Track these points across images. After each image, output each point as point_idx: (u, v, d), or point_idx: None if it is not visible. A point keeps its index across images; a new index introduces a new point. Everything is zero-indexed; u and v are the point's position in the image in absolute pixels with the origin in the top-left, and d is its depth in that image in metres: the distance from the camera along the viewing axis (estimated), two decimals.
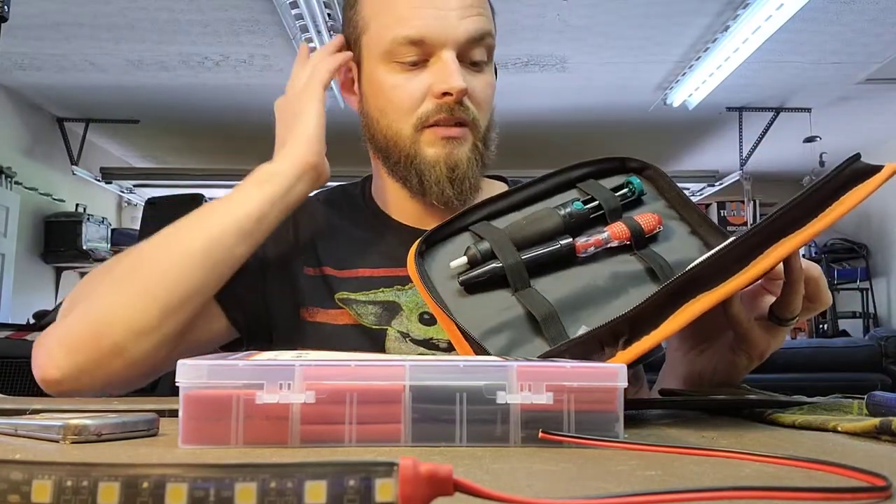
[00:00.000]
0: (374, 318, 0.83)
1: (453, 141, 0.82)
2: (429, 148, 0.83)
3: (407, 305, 0.83)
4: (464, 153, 0.83)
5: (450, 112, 0.81)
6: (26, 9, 3.38)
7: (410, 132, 0.83)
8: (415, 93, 0.82)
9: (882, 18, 3.51)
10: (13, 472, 0.25)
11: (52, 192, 5.06)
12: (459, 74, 0.80)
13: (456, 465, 0.29)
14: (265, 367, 0.44)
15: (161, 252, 0.77)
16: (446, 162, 0.82)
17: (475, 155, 0.84)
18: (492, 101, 0.87)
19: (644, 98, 4.70)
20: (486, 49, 0.85)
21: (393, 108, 0.84)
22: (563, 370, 0.45)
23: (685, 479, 0.34)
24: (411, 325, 0.82)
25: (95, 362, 0.72)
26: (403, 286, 0.84)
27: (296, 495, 0.25)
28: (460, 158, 0.83)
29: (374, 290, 0.84)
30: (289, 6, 3.30)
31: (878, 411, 0.54)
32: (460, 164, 0.83)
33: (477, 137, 0.84)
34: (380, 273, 0.86)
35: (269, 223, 0.79)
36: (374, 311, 0.83)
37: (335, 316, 0.84)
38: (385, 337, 0.82)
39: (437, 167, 0.82)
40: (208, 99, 4.74)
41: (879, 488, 0.29)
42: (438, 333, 0.81)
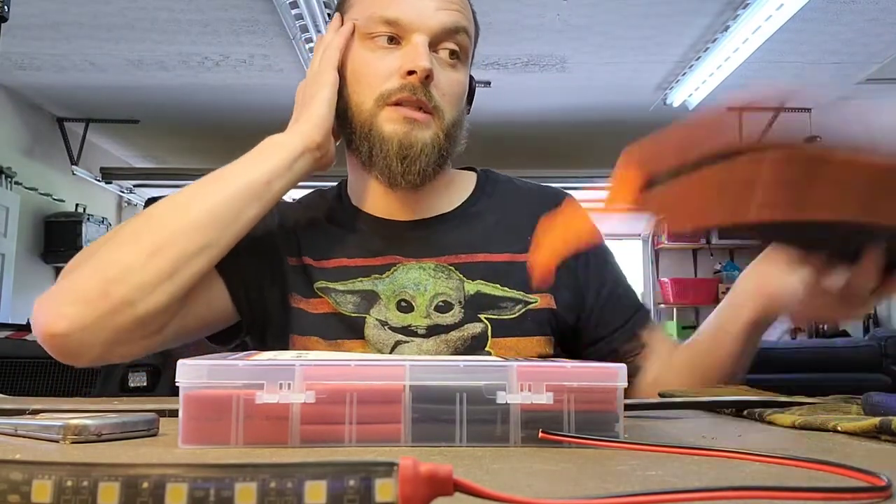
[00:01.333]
0: (352, 307, 0.85)
1: (415, 123, 0.82)
2: (387, 124, 0.83)
3: (384, 294, 0.85)
4: (423, 136, 0.82)
5: (412, 91, 0.81)
6: (26, 9, 3.37)
7: (371, 105, 0.83)
8: (382, 70, 0.83)
9: (882, 18, 3.51)
10: (13, 472, 0.25)
11: (52, 192, 5.06)
12: (427, 57, 0.81)
13: (456, 465, 0.29)
14: (265, 367, 0.44)
15: (170, 211, 0.78)
16: (401, 140, 0.82)
17: (435, 143, 0.83)
18: (460, 100, 0.87)
19: (644, 98, 4.70)
20: (459, 46, 0.85)
21: (359, 82, 0.85)
22: (563, 370, 0.45)
23: (685, 479, 0.34)
24: (389, 312, 0.84)
25: (103, 316, 0.72)
26: (381, 275, 0.86)
27: (296, 495, 0.25)
28: (416, 140, 0.82)
29: (351, 280, 0.86)
30: (289, 6, 3.30)
31: (875, 412, 0.54)
32: (415, 145, 0.82)
33: (440, 127, 0.84)
34: (356, 263, 0.88)
35: (275, 191, 0.80)
36: (352, 300, 0.86)
37: (315, 305, 0.86)
38: (364, 324, 0.84)
39: (391, 143, 0.82)
40: (208, 99, 4.74)
41: (879, 488, 0.29)
42: (416, 320, 0.84)
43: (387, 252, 0.88)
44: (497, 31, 3.65)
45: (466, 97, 0.92)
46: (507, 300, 0.86)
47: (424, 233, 0.89)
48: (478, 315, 0.85)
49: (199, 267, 0.76)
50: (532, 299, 0.86)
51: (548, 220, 0.65)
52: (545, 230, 0.63)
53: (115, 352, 0.75)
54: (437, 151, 0.84)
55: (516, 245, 0.88)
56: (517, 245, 0.88)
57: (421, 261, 0.87)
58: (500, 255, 0.88)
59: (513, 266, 0.87)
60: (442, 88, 0.84)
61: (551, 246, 0.63)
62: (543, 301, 0.87)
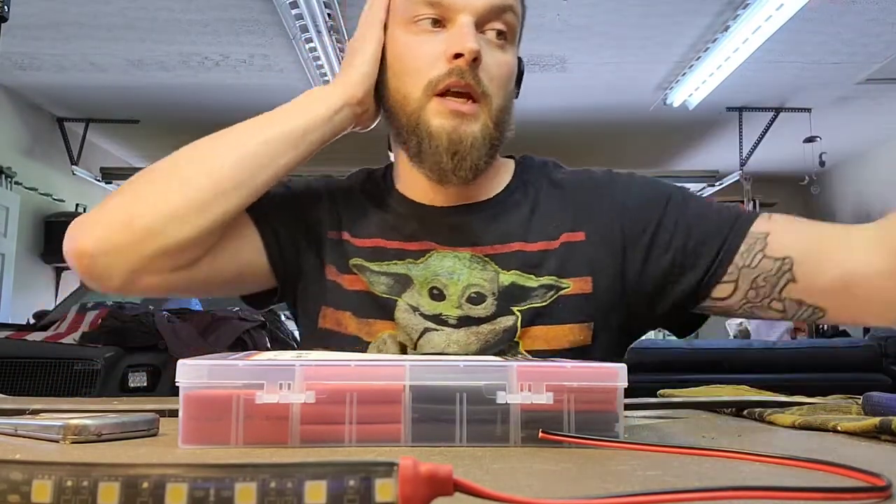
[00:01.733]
0: (385, 288, 0.84)
1: (463, 116, 0.79)
2: (435, 118, 0.80)
3: (418, 279, 0.83)
4: (472, 131, 0.80)
5: (460, 76, 0.78)
6: (26, 9, 3.37)
7: (419, 96, 0.80)
8: (427, 55, 0.80)
9: (882, 18, 3.51)
10: (13, 472, 0.25)
11: (52, 192, 5.06)
12: (474, 38, 0.78)
13: (456, 465, 0.29)
14: (265, 367, 0.44)
15: (206, 150, 0.81)
16: (450, 136, 0.79)
17: (485, 135, 0.80)
18: (508, 83, 0.84)
19: (644, 98, 4.70)
20: (506, 25, 0.82)
21: (405, 69, 0.82)
22: (563, 370, 0.45)
23: (685, 479, 0.34)
24: (421, 298, 0.83)
25: (128, 242, 0.75)
26: (416, 260, 0.85)
27: (296, 495, 0.25)
28: (466, 135, 0.79)
29: (386, 262, 0.85)
30: (289, 6, 3.30)
31: (875, 412, 0.54)
32: (465, 140, 0.79)
33: (489, 116, 0.81)
34: (392, 245, 0.86)
35: (311, 141, 0.81)
36: (385, 281, 0.84)
37: (350, 281, 0.86)
38: (395, 307, 0.83)
39: (440, 138, 0.79)
40: (208, 99, 4.74)
41: (879, 488, 0.29)
42: (447, 310, 0.82)
43: (422, 237, 0.86)
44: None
45: (515, 80, 0.87)
46: (540, 288, 0.82)
47: (460, 221, 0.87)
48: (510, 308, 0.82)
49: (229, 205, 0.78)
50: (564, 284, 0.82)
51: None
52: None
53: (142, 280, 0.77)
54: (487, 143, 0.81)
55: (552, 232, 0.85)
56: (553, 232, 0.85)
57: (456, 250, 0.85)
58: (535, 244, 0.85)
59: (547, 254, 0.84)
60: (490, 72, 0.80)
61: None
62: (577, 286, 0.82)
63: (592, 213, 0.86)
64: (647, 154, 5.93)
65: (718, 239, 0.80)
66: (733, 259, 0.79)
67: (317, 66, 4.01)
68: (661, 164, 6.22)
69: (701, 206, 0.86)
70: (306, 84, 4.22)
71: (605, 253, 0.83)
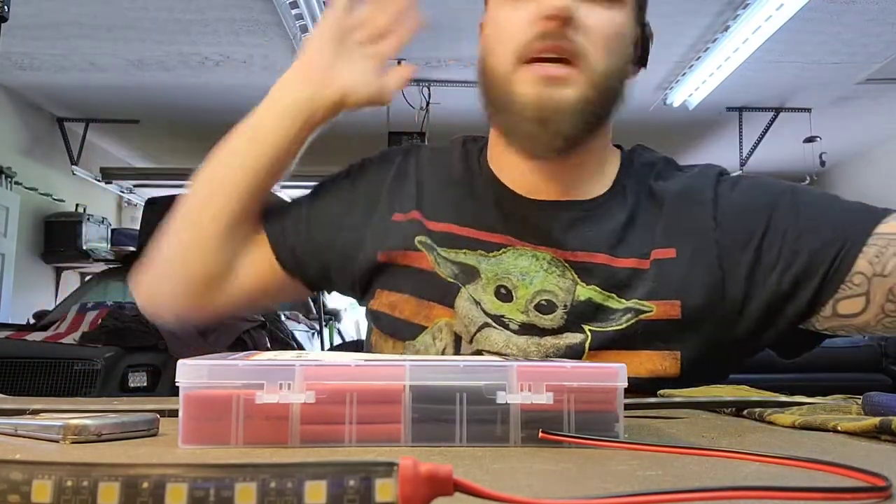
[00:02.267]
0: (450, 272, 0.78)
1: (554, 81, 0.71)
2: (524, 86, 0.72)
3: (486, 274, 0.76)
4: (564, 95, 0.71)
5: (551, 39, 0.70)
6: (26, 9, 3.37)
7: (509, 67, 0.73)
8: (518, 21, 0.73)
9: (882, 18, 3.51)
10: (13, 472, 0.25)
11: (52, 192, 5.06)
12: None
13: (456, 465, 0.29)
14: (265, 367, 0.44)
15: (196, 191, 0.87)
16: (538, 102, 0.71)
17: (581, 100, 0.71)
18: (616, 43, 0.74)
19: (644, 98, 4.70)
20: None
21: (496, 40, 0.75)
22: (564, 370, 0.45)
23: (685, 479, 0.34)
24: (486, 295, 0.76)
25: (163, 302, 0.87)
26: (488, 252, 0.78)
27: (296, 495, 0.25)
28: (556, 100, 0.71)
29: (455, 250, 0.78)
30: (289, 6, 3.30)
31: (875, 412, 0.54)
32: (553, 106, 0.71)
33: (588, 80, 0.72)
34: (466, 233, 0.79)
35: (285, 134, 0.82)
36: (451, 268, 0.78)
37: (414, 258, 0.79)
38: (457, 293, 0.77)
39: (527, 107, 0.72)
40: (208, 99, 4.74)
41: (879, 488, 0.29)
42: (511, 313, 0.75)
43: (501, 230, 0.78)
44: None
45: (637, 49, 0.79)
46: (617, 310, 0.74)
47: (548, 217, 0.78)
48: (581, 325, 0.74)
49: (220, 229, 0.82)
50: (647, 307, 0.73)
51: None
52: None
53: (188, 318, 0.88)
54: (585, 111, 0.72)
55: (645, 247, 0.76)
56: (645, 247, 0.76)
57: (537, 248, 0.77)
58: (624, 259, 0.76)
59: (637, 274, 0.75)
60: (589, 30, 0.71)
61: None
62: (662, 310, 0.73)
63: (686, 226, 0.76)
64: None
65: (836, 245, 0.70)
66: (856, 267, 0.69)
67: None
68: None
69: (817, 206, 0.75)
70: None
71: (699, 272, 0.74)
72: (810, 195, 0.78)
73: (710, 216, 0.76)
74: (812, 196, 0.77)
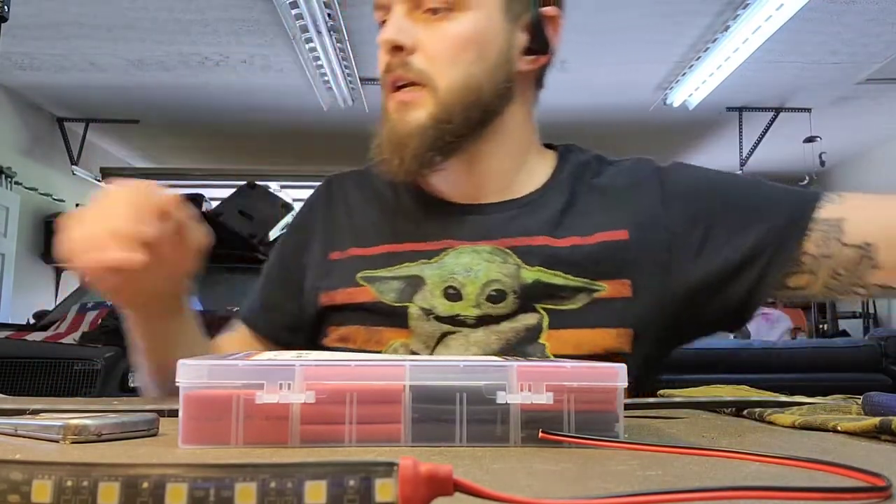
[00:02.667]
0: (395, 295, 0.78)
1: (405, 106, 0.75)
2: (389, 114, 0.77)
3: (431, 279, 0.78)
4: (412, 119, 0.75)
5: (391, 70, 0.75)
6: (26, 9, 3.38)
7: (384, 97, 0.78)
8: (380, 54, 0.78)
9: (882, 18, 3.51)
10: (13, 472, 0.25)
11: (52, 192, 5.07)
12: (392, 27, 0.74)
13: (456, 465, 0.29)
14: (265, 367, 0.44)
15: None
16: (391, 129, 0.76)
17: (430, 122, 0.74)
18: (459, 55, 0.75)
19: (644, 98, 4.70)
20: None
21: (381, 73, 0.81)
22: (563, 370, 0.45)
23: (685, 479, 0.34)
24: (435, 300, 0.77)
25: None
26: (429, 259, 0.79)
27: (296, 495, 0.25)
28: (404, 123, 0.75)
29: (397, 265, 0.80)
30: (289, 6, 3.30)
31: (875, 412, 0.54)
32: (402, 130, 0.75)
33: (435, 100, 0.74)
34: (404, 248, 0.81)
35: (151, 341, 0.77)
36: (396, 286, 0.79)
37: (354, 294, 0.80)
38: (407, 315, 0.78)
39: (384, 134, 0.77)
40: (208, 99, 4.74)
41: (879, 488, 0.29)
42: (465, 310, 0.76)
43: (440, 236, 0.80)
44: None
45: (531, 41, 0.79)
46: (569, 289, 0.75)
47: (480, 216, 0.81)
48: (534, 305, 0.76)
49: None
50: (598, 286, 0.75)
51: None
52: None
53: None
54: (434, 127, 0.74)
55: (587, 228, 0.78)
56: (587, 228, 0.78)
57: (476, 243, 0.78)
58: (564, 239, 0.78)
59: (578, 250, 0.77)
60: (428, 50, 0.75)
61: None
62: (614, 289, 0.76)
63: (636, 211, 0.79)
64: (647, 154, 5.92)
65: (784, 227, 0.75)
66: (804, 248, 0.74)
67: (317, 66, 4.01)
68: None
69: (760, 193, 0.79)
70: (306, 84, 4.22)
71: (650, 251, 0.77)
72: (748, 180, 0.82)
73: (658, 201, 0.79)
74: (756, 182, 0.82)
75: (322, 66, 3.98)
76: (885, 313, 5.77)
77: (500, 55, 0.77)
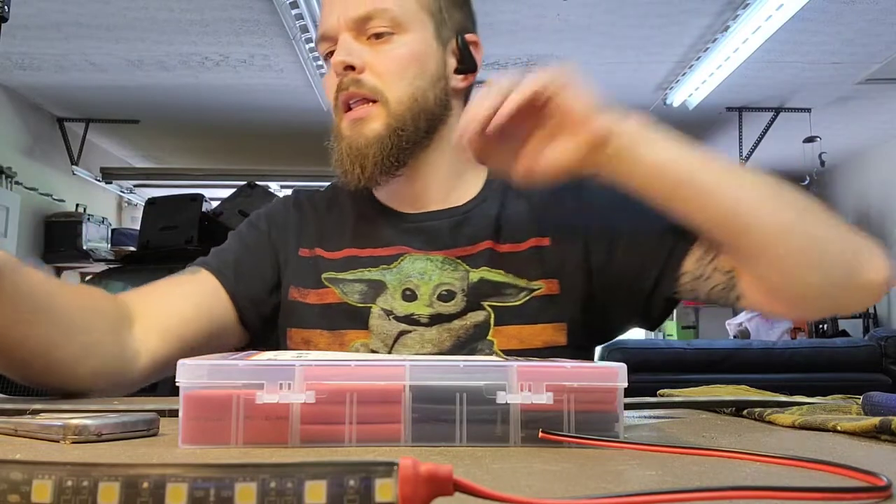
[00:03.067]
0: (358, 297, 0.86)
1: (359, 122, 0.83)
2: (343, 131, 0.85)
3: (392, 283, 0.86)
4: (369, 129, 0.83)
5: (345, 88, 0.83)
6: (26, 9, 3.37)
7: (335, 118, 0.86)
8: (329, 77, 0.86)
9: (882, 18, 3.51)
10: (13, 472, 0.25)
11: (52, 192, 5.06)
12: (342, 49, 0.83)
13: (456, 465, 0.29)
14: (265, 367, 0.44)
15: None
16: (349, 142, 0.83)
17: (387, 131, 0.82)
18: (408, 69, 0.84)
19: (644, 98, 4.70)
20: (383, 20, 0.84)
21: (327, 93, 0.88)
22: (564, 370, 0.45)
23: (685, 479, 0.34)
24: (395, 301, 0.85)
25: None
26: (389, 265, 0.87)
27: (296, 495, 0.25)
28: (362, 135, 0.83)
29: (360, 269, 0.88)
30: (289, 6, 3.30)
31: (875, 412, 0.54)
32: (360, 141, 0.83)
33: (388, 112, 0.83)
34: (366, 253, 0.89)
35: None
36: (359, 289, 0.87)
37: (322, 295, 0.88)
38: (369, 314, 0.85)
39: (342, 147, 0.84)
40: (208, 99, 4.73)
41: (879, 488, 0.29)
42: (419, 309, 0.84)
43: (396, 242, 0.89)
44: (497, 32, 3.65)
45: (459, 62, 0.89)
46: (511, 287, 0.85)
47: (432, 226, 0.89)
48: (480, 303, 0.84)
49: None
50: (536, 286, 0.84)
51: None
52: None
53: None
54: (391, 136, 0.83)
55: (520, 235, 0.87)
56: (520, 235, 0.87)
57: (429, 253, 0.87)
58: (504, 244, 0.87)
59: (517, 255, 0.86)
60: (377, 69, 0.83)
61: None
62: (547, 287, 0.85)
63: (556, 217, 0.88)
64: None
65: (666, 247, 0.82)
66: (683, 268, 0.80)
67: (317, 66, 4.01)
68: None
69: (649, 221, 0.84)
70: (306, 84, 4.22)
71: (571, 254, 0.86)
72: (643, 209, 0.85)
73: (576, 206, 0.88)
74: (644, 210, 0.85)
75: (322, 66, 3.98)
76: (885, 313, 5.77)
77: (437, 71, 0.87)
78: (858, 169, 6.02)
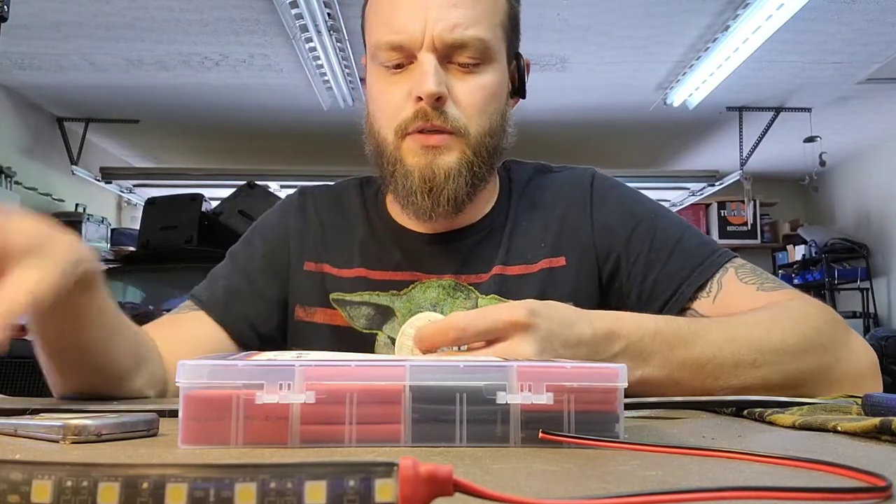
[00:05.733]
0: (365, 322, 0.84)
1: (434, 150, 0.79)
2: (410, 156, 0.80)
3: (400, 311, 0.83)
4: (446, 163, 0.79)
5: (425, 118, 0.78)
6: (26, 9, 3.37)
7: (394, 138, 0.81)
8: (396, 98, 0.80)
9: (882, 18, 3.51)
10: (13, 472, 0.25)
11: (52, 192, 5.06)
12: (434, 77, 0.77)
13: (456, 465, 0.29)
14: (265, 367, 0.44)
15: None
16: (422, 172, 0.79)
17: (463, 166, 0.79)
18: (489, 104, 0.81)
19: (644, 98, 4.70)
20: (475, 52, 0.80)
21: (380, 113, 0.83)
22: (564, 370, 0.45)
23: (685, 479, 0.34)
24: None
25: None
26: (399, 291, 0.84)
27: (296, 495, 0.25)
28: (439, 167, 0.79)
29: (369, 292, 0.85)
30: (289, 6, 3.30)
31: (875, 412, 0.54)
32: (438, 174, 0.79)
33: (466, 145, 0.80)
34: (377, 276, 0.86)
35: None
36: (366, 313, 0.84)
37: (331, 316, 0.85)
38: (374, 342, 0.83)
39: (412, 177, 0.79)
40: (208, 99, 4.73)
41: (879, 488, 0.29)
42: None
43: (407, 267, 0.86)
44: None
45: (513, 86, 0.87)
46: None
47: (444, 250, 0.87)
48: None
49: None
50: None
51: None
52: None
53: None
54: (467, 173, 0.80)
55: (531, 254, 0.85)
56: (531, 254, 0.85)
57: (441, 277, 0.85)
58: (514, 267, 0.85)
59: (527, 279, 0.84)
60: (462, 102, 0.80)
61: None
62: None
63: (572, 236, 0.86)
64: (647, 154, 5.93)
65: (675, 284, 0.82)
66: (692, 305, 0.81)
67: (317, 66, 4.01)
68: (661, 164, 6.22)
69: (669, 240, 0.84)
70: (306, 84, 4.22)
71: (586, 275, 0.85)
72: (669, 226, 0.86)
73: (589, 225, 0.86)
74: (670, 227, 0.86)
75: (322, 66, 3.98)
76: (885, 313, 5.77)
77: (505, 103, 0.85)
78: (858, 169, 6.02)
